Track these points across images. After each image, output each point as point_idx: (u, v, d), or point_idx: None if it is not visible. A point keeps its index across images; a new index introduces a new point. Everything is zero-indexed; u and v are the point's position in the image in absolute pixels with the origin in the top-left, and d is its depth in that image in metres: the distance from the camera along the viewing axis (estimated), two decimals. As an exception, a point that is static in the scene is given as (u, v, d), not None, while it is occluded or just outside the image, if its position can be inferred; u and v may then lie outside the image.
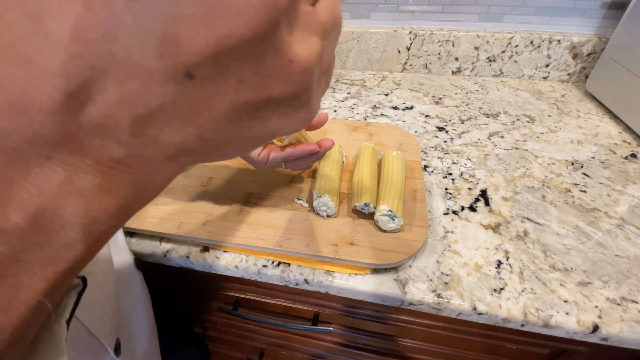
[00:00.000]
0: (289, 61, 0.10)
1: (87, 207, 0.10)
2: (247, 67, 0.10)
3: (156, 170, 0.11)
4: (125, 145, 0.10)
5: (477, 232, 0.39)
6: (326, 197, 0.38)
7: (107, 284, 0.31)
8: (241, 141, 0.12)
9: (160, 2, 0.08)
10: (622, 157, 0.50)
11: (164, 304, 0.58)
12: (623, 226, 0.40)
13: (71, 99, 0.08)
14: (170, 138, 0.10)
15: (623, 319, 0.31)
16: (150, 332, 0.39)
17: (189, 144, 0.11)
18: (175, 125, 0.10)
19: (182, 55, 0.09)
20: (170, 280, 0.51)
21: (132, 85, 0.09)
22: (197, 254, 0.39)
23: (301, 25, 0.10)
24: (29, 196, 0.09)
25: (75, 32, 0.08)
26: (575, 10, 0.65)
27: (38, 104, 0.08)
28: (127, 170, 0.10)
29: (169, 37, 0.08)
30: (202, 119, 0.10)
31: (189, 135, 0.10)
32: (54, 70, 0.08)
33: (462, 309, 0.33)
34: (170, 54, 0.08)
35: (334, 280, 0.36)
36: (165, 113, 0.09)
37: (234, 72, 0.10)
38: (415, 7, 0.71)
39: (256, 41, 0.09)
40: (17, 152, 0.09)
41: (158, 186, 0.12)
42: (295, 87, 0.11)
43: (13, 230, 0.09)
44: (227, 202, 0.42)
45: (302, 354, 0.61)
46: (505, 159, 0.51)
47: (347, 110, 0.64)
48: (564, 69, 0.70)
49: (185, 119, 0.10)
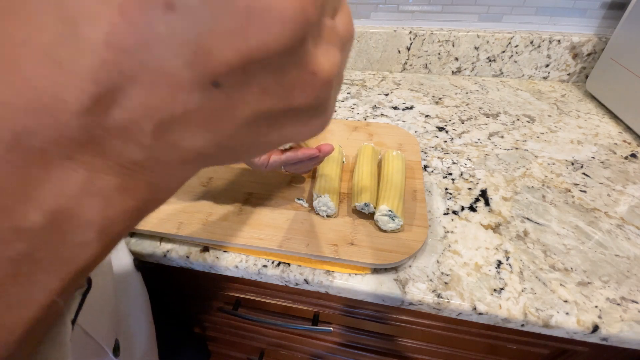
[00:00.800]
0: (312, 73, 0.11)
1: (106, 208, 0.10)
2: (272, 78, 0.10)
3: (173, 173, 0.12)
4: (147, 148, 0.10)
5: (477, 232, 0.39)
6: (326, 197, 0.38)
7: (105, 285, 0.31)
8: (256, 147, 0.13)
9: (196, 15, 0.08)
10: (622, 157, 0.50)
11: (163, 304, 0.58)
12: (623, 226, 0.40)
13: (98, 102, 0.09)
14: (190, 143, 0.10)
15: (623, 319, 0.31)
16: (149, 333, 0.39)
17: (207, 149, 0.11)
18: (196, 131, 0.10)
19: (211, 65, 0.09)
20: (170, 280, 0.51)
21: (159, 91, 0.09)
22: (197, 254, 0.39)
23: (324, 39, 0.11)
24: (49, 195, 0.09)
25: (109, 39, 0.08)
26: (575, 10, 0.65)
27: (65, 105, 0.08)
28: (146, 172, 0.11)
29: (200, 48, 0.08)
30: (223, 126, 0.10)
31: (208, 141, 0.11)
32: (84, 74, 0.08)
33: (462, 309, 0.33)
34: (199, 64, 0.09)
35: (334, 280, 0.36)
36: (188, 119, 0.10)
37: (259, 82, 0.10)
38: (415, 7, 0.71)
39: (284, 54, 0.09)
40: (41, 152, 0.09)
41: (173, 188, 0.12)
42: (316, 98, 0.11)
43: (31, 229, 0.09)
44: (227, 202, 0.42)
45: (302, 354, 0.61)
46: (505, 159, 0.51)
47: (347, 110, 0.64)
48: (564, 69, 0.70)
49: (207, 126, 0.10)
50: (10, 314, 0.09)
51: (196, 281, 0.49)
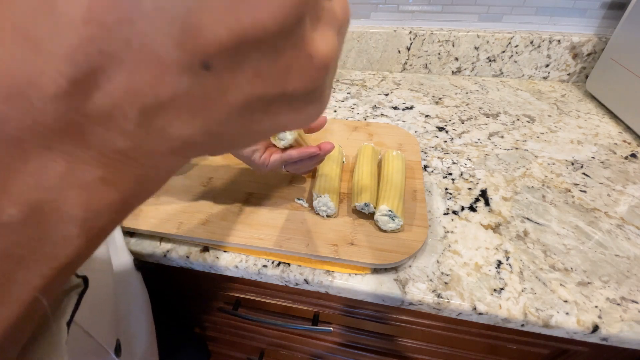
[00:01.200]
0: (308, 56, 0.10)
1: (89, 200, 0.10)
2: (266, 61, 0.09)
3: (160, 163, 0.11)
4: (131, 136, 0.09)
5: (477, 232, 0.39)
6: (326, 197, 0.38)
7: (105, 285, 0.31)
8: (249, 135, 0.12)
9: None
10: (622, 157, 0.50)
11: (163, 304, 0.58)
12: (623, 226, 0.40)
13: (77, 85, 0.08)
14: (178, 131, 0.10)
15: (623, 319, 0.31)
16: (149, 333, 0.39)
17: (196, 137, 0.10)
18: (184, 117, 0.09)
19: (201, 44, 0.08)
20: (170, 280, 0.51)
21: (144, 74, 0.08)
22: (197, 254, 0.39)
23: (322, 20, 0.10)
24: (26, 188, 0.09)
25: (90, 14, 0.07)
26: (575, 10, 0.65)
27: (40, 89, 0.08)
28: (131, 162, 0.10)
29: (189, 25, 0.08)
30: (213, 113, 0.10)
31: (197, 128, 0.10)
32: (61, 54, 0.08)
33: (462, 309, 0.33)
34: (188, 42, 0.08)
35: (334, 280, 0.36)
36: (176, 105, 0.09)
37: (252, 64, 0.09)
38: (415, 7, 0.71)
39: (280, 34, 0.09)
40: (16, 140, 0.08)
41: (161, 179, 0.12)
42: (311, 82, 0.11)
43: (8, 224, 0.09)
44: (227, 202, 0.42)
45: (302, 354, 0.61)
46: (505, 159, 0.51)
47: (347, 110, 0.64)
48: (564, 69, 0.70)
49: (196, 112, 0.10)
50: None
51: (196, 281, 0.49)
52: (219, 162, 0.48)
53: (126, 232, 0.41)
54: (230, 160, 0.48)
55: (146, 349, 0.38)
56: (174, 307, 0.58)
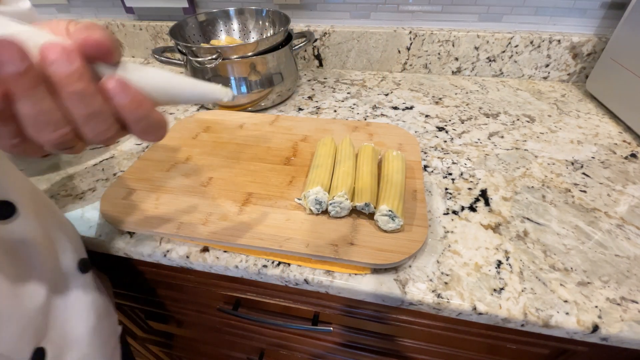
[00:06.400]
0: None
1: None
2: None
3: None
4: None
5: (477, 232, 0.39)
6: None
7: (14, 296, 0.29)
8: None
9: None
10: (622, 157, 0.50)
11: (162, 304, 0.58)
12: (623, 226, 0.40)
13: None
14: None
15: (623, 319, 0.31)
16: (89, 338, 0.37)
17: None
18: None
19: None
20: (170, 280, 0.51)
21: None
22: (197, 254, 0.39)
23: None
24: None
25: None
26: (575, 10, 0.65)
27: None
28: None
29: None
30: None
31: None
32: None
33: (462, 309, 0.33)
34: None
35: (334, 280, 0.36)
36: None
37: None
38: (415, 7, 0.71)
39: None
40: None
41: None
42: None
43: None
44: (227, 202, 0.42)
45: (302, 354, 0.61)
46: (505, 159, 0.51)
47: (347, 110, 0.64)
48: (564, 69, 0.70)
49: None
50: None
51: (196, 281, 0.49)
52: (219, 162, 0.48)
53: (126, 232, 0.41)
54: (230, 160, 0.48)
55: (85, 355, 0.36)
56: (173, 306, 0.58)
